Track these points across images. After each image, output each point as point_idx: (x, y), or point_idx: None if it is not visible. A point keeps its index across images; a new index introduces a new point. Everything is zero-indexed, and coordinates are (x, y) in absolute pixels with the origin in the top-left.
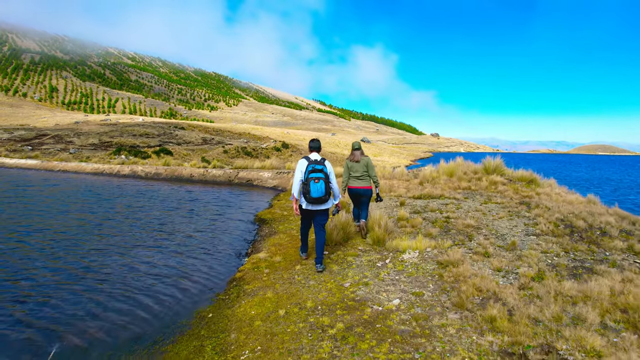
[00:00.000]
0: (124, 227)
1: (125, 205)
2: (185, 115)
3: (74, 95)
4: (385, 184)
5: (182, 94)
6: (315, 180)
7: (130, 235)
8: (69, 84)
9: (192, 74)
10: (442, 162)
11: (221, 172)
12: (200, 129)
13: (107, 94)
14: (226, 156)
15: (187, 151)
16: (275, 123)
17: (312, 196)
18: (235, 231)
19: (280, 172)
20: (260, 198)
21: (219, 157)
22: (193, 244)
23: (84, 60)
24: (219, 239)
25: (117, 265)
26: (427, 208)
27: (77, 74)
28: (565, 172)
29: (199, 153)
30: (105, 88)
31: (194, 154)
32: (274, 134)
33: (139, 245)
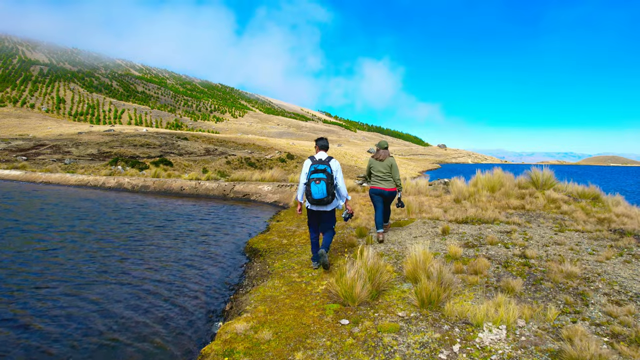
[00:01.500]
0: (79, 255)
1: (94, 223)
2: (191, 126)
3: (81, 106)
4: (412, 201)
5: (188, 105)
6: (316, 181)
7: (79, 268)
8: (76, 96)
9: (198, 85)
10: (478, 173)
11: (215, 184)
12: (204, 140)
13: (114, 105)
14: (229, 167)
15: (188, 162)
16: (280, 134)
17: (313, 197)
18: (215, 268)
19: (282, 185)
20: (256, 217)
21: (221, 168)
22: (154, 289)
23: (92, 72)
24: (191, 280)
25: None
26: (484, 239)
27: (85, 85)
28: (611, 185)
29: (201, 164)
30: (112, 99)
31: (196, 164)
32: (279, 145)
33: (81, 283)
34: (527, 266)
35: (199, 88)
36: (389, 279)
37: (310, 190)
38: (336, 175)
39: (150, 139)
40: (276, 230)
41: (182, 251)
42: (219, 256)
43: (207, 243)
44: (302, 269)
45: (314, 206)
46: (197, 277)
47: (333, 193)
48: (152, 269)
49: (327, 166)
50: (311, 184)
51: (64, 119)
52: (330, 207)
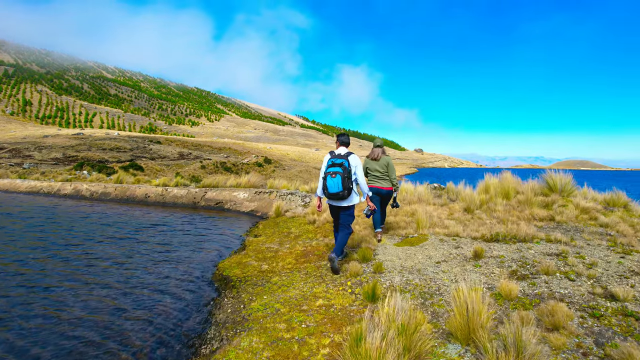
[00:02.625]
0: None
1: (22, 243)
2: (166, 130)
3: (49, 109)
4: (418, 211)
5: (163, 109)
6: (332, 175)
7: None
8: (44, 98)
9: (173, 89)
10: (487, 178)
11: (184, 191)
12: (178, 144)
13: (85, 108)
14: (204, 172)
15: (161, 166)
16: (257, 138)
17: (329, 192)
18: (171, 306)
19: (259, 192)
20: (229, 231)
21: (195, 172)
22: (71, 344)
23: (62, 73)
24: (134, 329)
25: None
26: (533, 266)
27: (54, 87)
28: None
29: (174, 168)
30: (83, 102)
31: (169, 169)
32: (256, 149)
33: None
34: (628, 316)
35: (174, 92)
36: (427, 339)
37: (325, 185)
38: (355, 170)
39: (121, 143)
40: (254, 250)
41: (131, 279)
42: (179, 286)
43: (166, 267)
44: (292, 314)
45: (331, 201)
46: (143, 324)
47: (349, 188)
48: (82, 307)
49: (345, 160)
50: (327, 177)
51: (30, 122)
52: (346, 203)
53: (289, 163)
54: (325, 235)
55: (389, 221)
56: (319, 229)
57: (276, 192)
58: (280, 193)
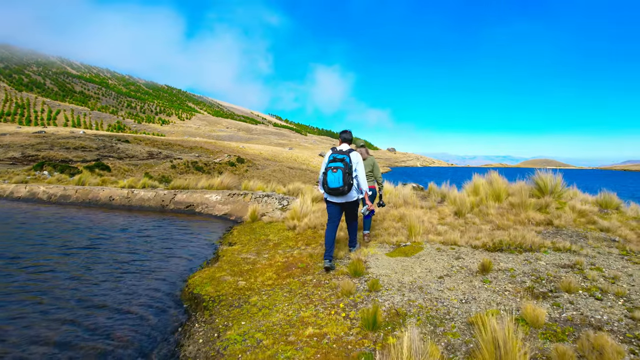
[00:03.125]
0: None
1: None
2: (135, 128)
3: (8, 106)
4: (407, 215)
5: (132, 107)
6: (333, 170)
7: None
8: (2, 94)
9: (143, 86)
10: (476, 178)
11: (152, 193)
12: (147, 142)
13: (47, 105)
14: (174, 172)
15: (129, 166)
16: (230, 137)
17: (329, 186)
18: (131, 334)
19: (233, 194)
20: (201, 238)
21: (165, 172)
22: None
23: (22, 68)
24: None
25: None
26: (549, 281)
27: (13, 83)
28: None
29: (143, 168)
30: (46, 99)
31: (138, 169)
32: (229, 148)
33: None
34: None
35: (143, 89)
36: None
37: (326, 179)
38: (356, 167)
39: (86, 142)
40: (228, 261)
41: (86, 297)
42: (143, 306)
43: (128, 281)
44: (277, 347)
45: (331, 197)
46: None
47: (350, 184)
48: (11, 345)
49: (347, 156)
50: (328, 172)
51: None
52: (346, 199)
53: (263, 162)
54: (307, 243)
55: (377, 227)
56: (300, 236)
57: (251, 194)
58: (255, 195)
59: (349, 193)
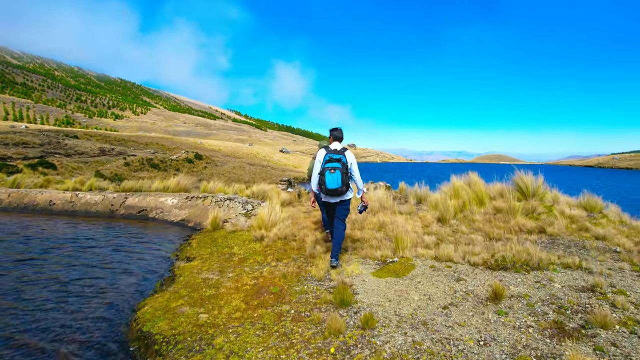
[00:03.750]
0: None
1: None
2: (86, 123)
3: None
4: (390, 224)
5: (82, 101)
6: (331, 171)
7: None
8: None
9: (94, 79)
10: (454, 180)
11: (99, 197)
12: (99, 138)
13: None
14: (128, 169)
15: (78, 164)
16: (188, 133)
17: (327, 187)
18: None
19: (191, 197)
20: (155, 250)
21: (119, 170)
22: None
23: None
24: None
25: None
26: (573, 310)
27: None
28: None
29: (94, 166)
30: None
31: (87, 167)
32: (186, 144)
33: None
34: None
35: (94, 82)
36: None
37: (324, 180)
38: (351, 167)
39: (29, 137)
40: (186, 283)
41: (7, 336)
42: (77, 352)
43: (59, 313)
44: None
45: (328, 197)
46: None
47: (348, 184)
48: None
49: (343, 156)
50: (326, 173)
51: None
52: (344, 197)
53: (222, 159)
54: (278, 258)
55: (356, 237)
56: (269, 249)
57: (212, 198)
58: (216, 198)
59: (347, 192)
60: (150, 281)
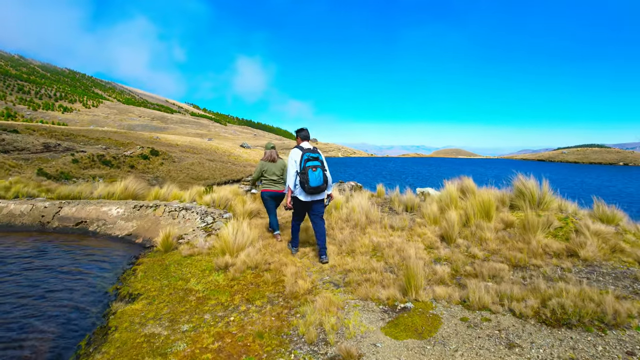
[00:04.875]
0: None
1: None
2: (29, 116)
3: None
4: (378, 244)
5: (25, 92)
6: (313, 169)
7: None
8: None
9: (38, 68)
10: (449, 185)
11: (27, 206)
12: (43, 132)
13: None
14: (76, 167)
15: (17, 161)
16: (143, 127)
17: (310, 185)
18: None
19: (140, 207)
20: (87, 280)
21: (65, 168)
22: None
23: None
24: None
25: None
26: None
27: None
28: None
29: (37, 163)
30: None
31: (29, 164)
32: (142, 139)
33: None
34: None
35: (39, 72)
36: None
37: (307, 179)
38: (324, 164)
39: None
40: (122, 347)
41: None
42: None
43: None
44: None
45: (309, 196)
46: None
47: (327, 180)
48: None
49: (319, 154)
50: (309, 171)
51: None
52: (323, 196)
53: (180, 155)
54: (249, 298)
55: (348, 267)
56: (236, 284)
57: (164, 207)
58: (170, 207)
59: (327, 188)
60: (71, 338)
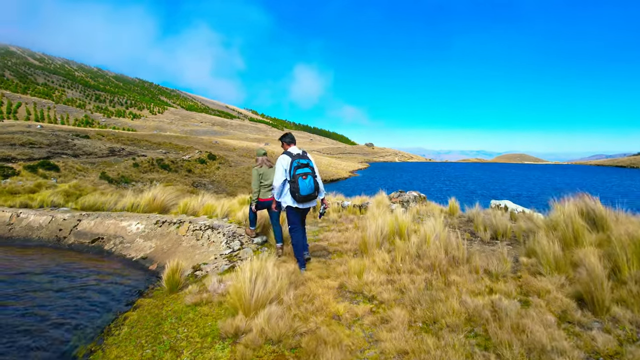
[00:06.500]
0: None
1: None
2: (104, 123)
3: None
4: (470, 314)
5: (101, 101)
6: (304, 177)
7: None
8: None
9: (112, 79)
10: (563, 206)
11: (46, 218)
12: (111, 138)
13: (7, 98)
14: (137, 170)
15: (84, 165)
16: (204, 132)
17: (301, 194)
18: None
19: (163, 222)
20: (62, 329)
21: (126, 172)
22: None
23: None
24: None
25: None
26: None
27: None
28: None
29: (101, 167)
30: (5, 91)
31: (94, 168)
32: (201, 143)
33: None
34: None
35: (113, 82)
36: None
37: (298, 187)
38: (316, 169)
39: (37, 137)
40: None
41: None
42: None
43: None
44: None
45: (301, 204)
46: None
47: (318, 187)
48: None
49: (310, 160)
50: (299, 179)
51: None
52: (312, 204)
53: (237, 159)
54: None
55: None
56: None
57: (189, 224)
58: (195, 225)
59: (317, 196)
60: None
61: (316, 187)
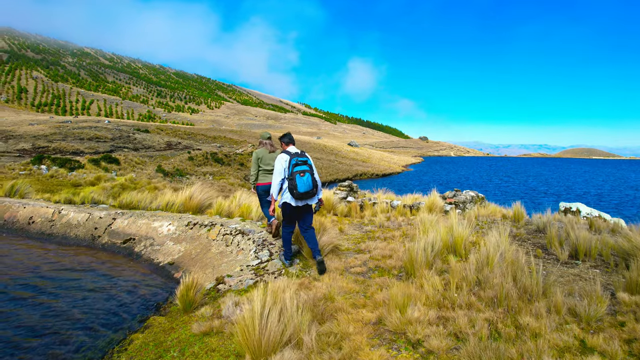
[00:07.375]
0: None
1: None
2: (165, 117)
3: (45, 96)
4: None
5: (162, 96)
6: (301, 174)
7: None
8: (39, 85)
9: (173, 75)
10: None
11: (83, 216)
12: (168, 132)
13: (82, 96)
14: (191, 163)
15: (142, 158)
16: (258, 126)
17: (299, 191)
18: None
19: (194, 224)
20: (95, 334)
21: (181, 165)
22: None
23: (58, 60)
24: None
25: None
26: None
27: (50, 74)
28: None
29: (158, 160)
30: (80, 89)
31: (152, 161)
32: (254, 137)
33: None
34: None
35: (173, 78)
36: None
37: (295, 184)
38: (314, 168)
39: (102, 132)
40: None
41: None
42: None
43: None
44: None
45: (299, 201)
46: None
47: (317, 185)
48: None
49: (307, 158)
50: (296, 176)
51: (25, 109)
52: (313, 201)
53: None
54: None
55: None
56: None
57: (220, 227)
58: (226, 229)
59: (317, 193)
60: None
61: (314, 184)
